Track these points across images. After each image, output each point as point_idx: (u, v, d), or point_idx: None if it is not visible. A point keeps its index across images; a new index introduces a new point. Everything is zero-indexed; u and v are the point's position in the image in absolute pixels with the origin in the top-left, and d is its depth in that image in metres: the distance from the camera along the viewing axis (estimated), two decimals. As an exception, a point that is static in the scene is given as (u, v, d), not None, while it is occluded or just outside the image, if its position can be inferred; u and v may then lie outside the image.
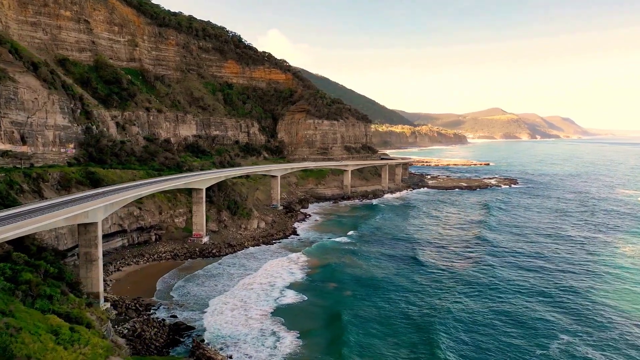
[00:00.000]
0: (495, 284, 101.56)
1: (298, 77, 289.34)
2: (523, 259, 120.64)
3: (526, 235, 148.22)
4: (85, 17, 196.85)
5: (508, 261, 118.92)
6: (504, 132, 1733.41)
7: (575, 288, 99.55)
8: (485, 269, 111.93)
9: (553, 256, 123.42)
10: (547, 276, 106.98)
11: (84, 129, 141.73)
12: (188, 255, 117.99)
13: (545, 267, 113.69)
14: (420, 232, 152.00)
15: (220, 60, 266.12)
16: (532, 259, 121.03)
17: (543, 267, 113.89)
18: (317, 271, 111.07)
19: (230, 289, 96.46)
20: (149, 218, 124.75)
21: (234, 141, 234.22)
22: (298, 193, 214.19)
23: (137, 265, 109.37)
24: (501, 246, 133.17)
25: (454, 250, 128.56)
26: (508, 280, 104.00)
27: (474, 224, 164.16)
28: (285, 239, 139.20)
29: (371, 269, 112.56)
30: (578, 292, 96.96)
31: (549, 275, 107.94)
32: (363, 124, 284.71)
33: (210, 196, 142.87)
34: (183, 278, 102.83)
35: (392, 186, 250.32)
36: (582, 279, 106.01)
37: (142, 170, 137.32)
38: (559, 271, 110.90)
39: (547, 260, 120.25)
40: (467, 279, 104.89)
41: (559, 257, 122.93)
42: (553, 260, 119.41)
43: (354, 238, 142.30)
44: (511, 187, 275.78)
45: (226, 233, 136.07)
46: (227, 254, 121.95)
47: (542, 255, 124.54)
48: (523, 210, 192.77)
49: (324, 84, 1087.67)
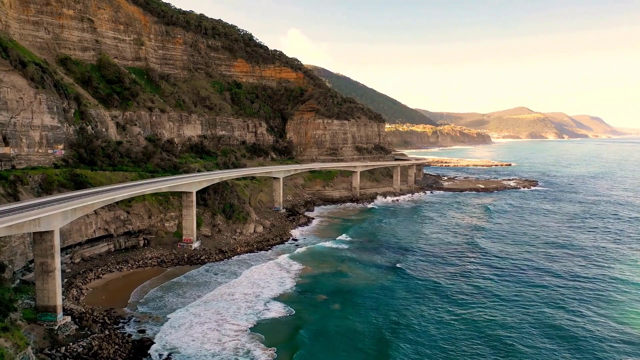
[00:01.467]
0: (496, 305, 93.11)
1: (309, 76, 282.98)
2: (529, 275, 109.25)
3: (535, 246, 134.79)
4: (89, 16, 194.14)
5: (509, 277, 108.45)
6: (529, 132, 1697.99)
7: (583, 314, 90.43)
8: (485, 286, 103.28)
9: (562, 271, 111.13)
10: (550, 295, 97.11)
11: (77, 130, 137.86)
12: (175, 261, 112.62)
13: (550, 284, 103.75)
14: (423, 239, 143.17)
15: (229, 59, 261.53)
16: (537, 273, 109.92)
17: (547, 285, 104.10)
18: (309, 281, 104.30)
19: (210, 300, 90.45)
20: (138, 222, 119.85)
21: (241, 141, 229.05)
22: (305, 195, 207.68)
23: (119, 272, 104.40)
24: (504, 259, 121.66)
25: (453, 262, 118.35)
26: (510, 303, 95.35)
27: (481, 232, 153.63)
28: (282, 245, 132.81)
29: (366, 280, 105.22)
30: (583, 318, 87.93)
31: (552, 294, 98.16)
32: (376, 124, 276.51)
33: (205, 199, 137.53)
34: (164, 287, 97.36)
35: (404, 188, 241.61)
36: (592, 305, 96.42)
37: (134, 172, 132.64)
38: (566, 289, 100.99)
39: (554, 275, 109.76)
40: (461, 295, 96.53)
41: (568, 272, 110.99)
42: (562, 276, 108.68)
43: (353, 244, 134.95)
44: (530, 189, 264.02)
45: (219, 238, 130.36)
46: (216, 260, 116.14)
47: (549, 270, 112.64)
48: (537, 217, 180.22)
49: (344, 84, 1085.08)
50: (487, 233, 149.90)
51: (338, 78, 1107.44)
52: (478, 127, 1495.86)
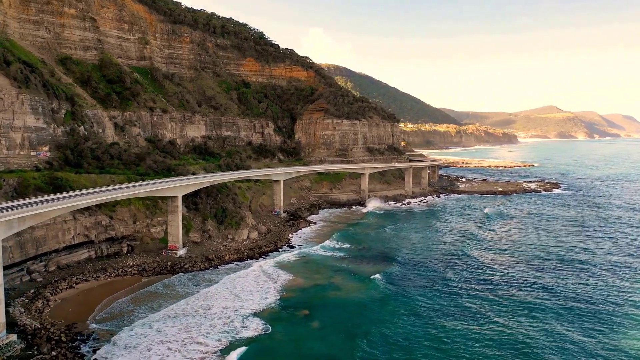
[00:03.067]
0: (503, 335, 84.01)
1: (321, 75, 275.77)
2: (536, 296, 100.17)
3: (545, 260, 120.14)
4: (91, 15, 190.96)
5: (509, 298, 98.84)
6: (558, 131, 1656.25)
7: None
8: (485, 309, 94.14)
9: (573, 292, 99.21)
10: (554, 324, 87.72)
11: (66, 131, 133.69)
12: (157, 270, 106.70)
13: (556, 311, 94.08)
14: (426, 250, 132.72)
15: (238, 58, 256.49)
16: (542, 294, 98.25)
17: (551, 311, 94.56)
18: (294, 294, 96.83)
19: (182, 314, 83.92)
20: (121, 228, 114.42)
21: (247, 142, 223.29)
22: (310, 198, 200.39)
23: (95, 282, 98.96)
24: (506, 275, 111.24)
25: (454, 278, 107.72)
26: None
27: (488, 243, 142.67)
28: (275, 252, 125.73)
29: (357, 294, 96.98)
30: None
31: (557, 322, 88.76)
32: (389, 123, 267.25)
33: (197, 203, 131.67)
34: (138, 298, 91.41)
35: (417, 191, 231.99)
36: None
37: (123, 175, 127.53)
38: (574, 315, 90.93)
39: (564, 297, 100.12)
40: (459, 316, 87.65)
41: (579, 293, 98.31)
42: (572, 297, 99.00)
43: (351, 253, 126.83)
44: (552, 192, 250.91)
45: (209, 245, 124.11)
46: (202, 269, 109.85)
47: (556, 289, 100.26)
48: (553, 225, 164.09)
49: (366, 83, 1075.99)
50: (494, 244, 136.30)
51: (360, 77, 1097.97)
52: (504, 127, 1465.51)
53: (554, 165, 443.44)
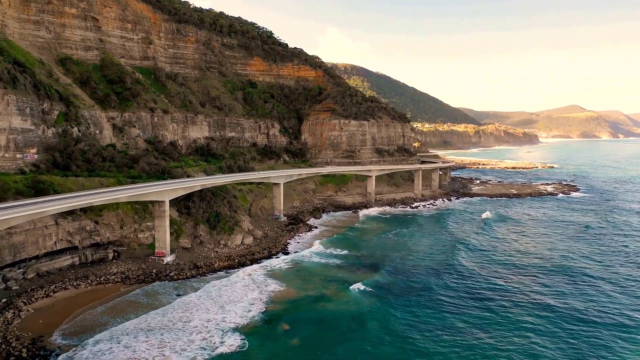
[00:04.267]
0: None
1: (329, 74, 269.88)
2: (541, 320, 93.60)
3: (547, 275, 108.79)
4: (93, 15, 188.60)
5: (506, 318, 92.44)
6: (581, 131, 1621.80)
7: None
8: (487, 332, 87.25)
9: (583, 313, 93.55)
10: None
11: (58, 132, 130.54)
12: (141, 278, 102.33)
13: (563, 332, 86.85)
14: (428, 258, 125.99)
15: (245, 58, 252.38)
16: (542, 314, 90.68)
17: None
18: (280, 306, 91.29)
19: (157, 328, 79.14)
20: (107, 233, 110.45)
21: (252, 143, 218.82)
22: (315, 201, 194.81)
23: (75, 290, 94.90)
24: (505, 292, 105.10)
25: (453, 293, 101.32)
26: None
27: (489, 253, 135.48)
28: (269, 259, 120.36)
29: (348, 307, 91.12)
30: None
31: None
32: (400, 124, 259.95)
33: (189, 207, 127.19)
34: (115, 309, 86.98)
35: (426, 193, 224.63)
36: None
37: (113, 177, 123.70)
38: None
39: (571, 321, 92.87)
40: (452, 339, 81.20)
41: (582, 315, 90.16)
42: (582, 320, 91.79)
43: (348, 260, 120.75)
44: (569, 195, 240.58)
45: (200, 251, 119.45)
46: (188, 277, 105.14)
47: (558, 311, 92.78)
48: (566, 233, 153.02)
49: (384, 82, 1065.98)
50: (497, 255, 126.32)
51: (377, 77, 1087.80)
52: (525, 127, 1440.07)
53: (574, 167, 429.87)
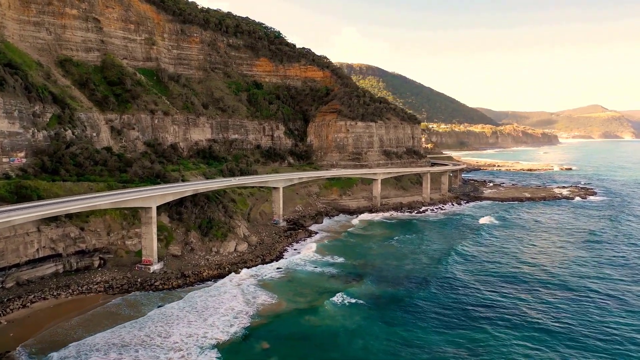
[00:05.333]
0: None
1: (337, 75, 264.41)
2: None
3: (549, 292, 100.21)
4: (95, 15, 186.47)
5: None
6: (603, 131, 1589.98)
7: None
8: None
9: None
10: None
11: (50, 135, 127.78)
12: (125, 287, 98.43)
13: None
14: (431, 269, 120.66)
15: (251, 58, 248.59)
16: (539, 337, 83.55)
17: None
18: (265, 320, 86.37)
19: (132, 344, 74.92)
20: (93, 240, 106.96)
21: (255, 145, 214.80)
22: (318, 205, 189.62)
23: (55, 300, 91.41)
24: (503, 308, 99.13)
25: (458, 313, 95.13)
26: None
27: (493, 266, 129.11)
28: (261, 267, 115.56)
29: (337, 323, 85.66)
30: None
31: None
32: (409, 125, 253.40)
33: (181, 213, 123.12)
34: (92, 321, 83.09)
35: (435, 197, 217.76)
36: None
37: (103, 182, 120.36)
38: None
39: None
40: None
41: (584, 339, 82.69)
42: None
43: (345, 269, 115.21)
44: (586, 199, 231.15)
45: (190, 258, 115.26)
46: (175, 287, 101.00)
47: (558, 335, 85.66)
48: (576, 243, 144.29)
49: (399, 82, 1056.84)
50: (498, 268, 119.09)
51: (393, 77, 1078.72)
52: (545, 127, 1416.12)
53: (593, 168, 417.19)
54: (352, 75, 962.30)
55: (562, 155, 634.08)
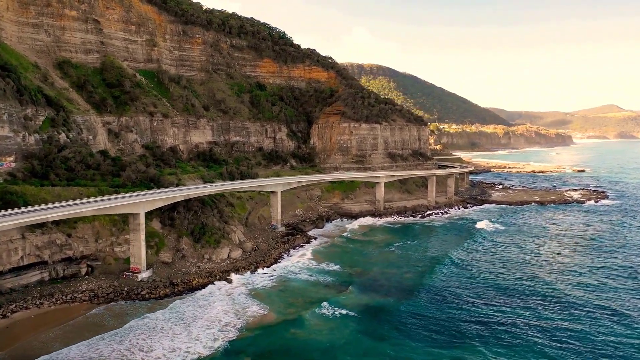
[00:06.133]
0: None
1: (342, 75, 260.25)
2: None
3: (550, 309, 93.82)
4: (95, 17, 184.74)
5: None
6: (618, 132, 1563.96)
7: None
8: None
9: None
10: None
11: (43, 139, 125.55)
12: (111, 296, 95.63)
13: None
14: (425, 275, 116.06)
15: (255, 59, 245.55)
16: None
17: None
18: (252, 333, 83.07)
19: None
20: (81, 246, 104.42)
21: (257, 148, 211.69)
22: (320, 208, 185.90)
23: (37, 310, 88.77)
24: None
25: (454, 329, 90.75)
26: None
27: (491, 277, 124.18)
28: (254, 275, 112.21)
29: (325, 337, 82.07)
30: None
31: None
32: (415, 127, 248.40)
33: (173, 218, 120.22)
34: (71, 332, 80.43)
35: (441, 201, 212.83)
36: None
37: (94, 187, 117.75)
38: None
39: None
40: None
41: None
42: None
43: (341, 278, 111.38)
44: (597, 203, 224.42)
45: (181, 266, 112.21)
46: (162, 296, 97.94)
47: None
48: (583, 251, 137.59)
49: (410, 82, 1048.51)
50: (497, 280, 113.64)
51: (404, 77, 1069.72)
52: (559, 127, 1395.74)
53: (607, 170, 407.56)
54: (363, 75, 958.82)
55: (575, 156, 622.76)
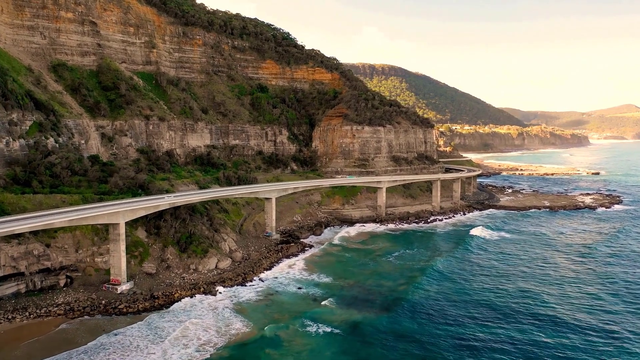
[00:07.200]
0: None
1: (346, 77, 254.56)
2: None
3: (550, 327, 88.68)
4: (91, 19, 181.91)
5: None
6: (636, 132, 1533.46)
7: None
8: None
9: None
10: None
11: (29, 144, 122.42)
12: (87, 310, 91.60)
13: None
14: (425, 284, 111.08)
15: (257, 60, 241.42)
16: None
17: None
18: (230, 352, 78.61)
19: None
20: (60, 257, 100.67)
21: (257, 151, 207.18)
22: (319, 214, 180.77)
23: (8, 324, 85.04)
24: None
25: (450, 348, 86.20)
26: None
27: (492, 291, 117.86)
28: (241, 287, 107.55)
29: (306, 357, 77.17)
30: None
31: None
32: (421, 129, 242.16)
33: (159, 227, 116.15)
34: (37, 350, 76.56)
35: (446, 206, 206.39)
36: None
37: (78, 194, 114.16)
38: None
39: None
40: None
41: None
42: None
43: (330, 291, 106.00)
44: (610, 209, 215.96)
45: (165, 277, 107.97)
46: (141, 310, 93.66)
47: None
48: (590, 265, 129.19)
49: (422, 83, 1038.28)
50: (495, 297, 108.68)
51: (416, 77, 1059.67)
52: (576, 128, 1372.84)
53: (623, 172, 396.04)
54: (375, 76, 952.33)
55: (590, 158, 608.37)
